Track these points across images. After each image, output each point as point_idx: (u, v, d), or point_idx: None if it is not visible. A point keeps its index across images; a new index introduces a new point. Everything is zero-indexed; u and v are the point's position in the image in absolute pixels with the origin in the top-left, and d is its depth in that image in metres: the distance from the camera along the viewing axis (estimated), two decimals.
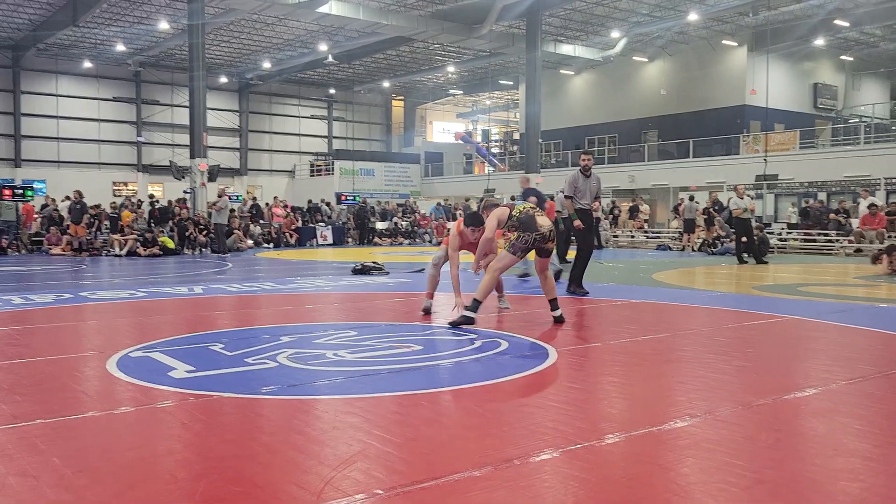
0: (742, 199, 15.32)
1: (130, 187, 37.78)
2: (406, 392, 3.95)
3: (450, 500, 2.45)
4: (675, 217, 23.99)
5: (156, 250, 18.34)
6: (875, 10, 27.63)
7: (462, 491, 2.52)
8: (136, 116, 38.89)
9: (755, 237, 15.48)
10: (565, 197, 9.27)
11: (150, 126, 39.23)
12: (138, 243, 18.52)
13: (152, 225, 20.46)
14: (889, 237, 17.88)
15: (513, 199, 21.24)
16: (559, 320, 6.36)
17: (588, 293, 8.74)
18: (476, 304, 6.18)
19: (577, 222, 9.05)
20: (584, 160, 9.32)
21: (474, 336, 5.72)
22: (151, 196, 23.26)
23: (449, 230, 7.69)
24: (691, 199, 22.60)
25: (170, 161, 30.58)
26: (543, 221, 6.20)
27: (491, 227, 6.38)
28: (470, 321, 6.13)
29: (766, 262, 14.99)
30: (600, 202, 9.27)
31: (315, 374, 4.39)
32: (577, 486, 2.58)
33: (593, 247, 9.46)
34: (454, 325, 6.17)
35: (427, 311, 7.12)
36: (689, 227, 21.41)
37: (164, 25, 29.09)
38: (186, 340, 5.59)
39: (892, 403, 3.79)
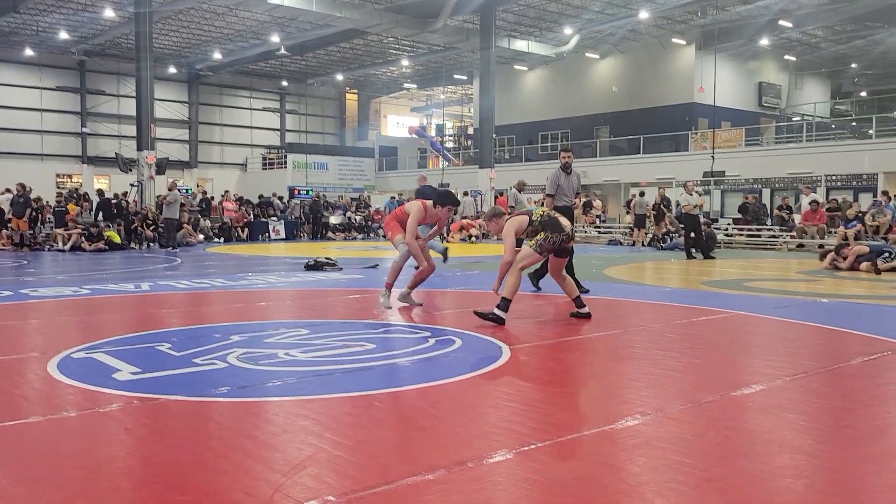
0: (691, 195, 15.61)
1: (75, 179, 36.76)
2: (359, 393, 3.90)
3: None
4: (628, 212, 24.29)
5: (101, 245, 17.86)
6: (817, 12, 28.46)
7: (415, 495, 2.50)
8: (80, 107, 37.84)
9: (703, 233, 15.79)
10: (547, 195, 9.27)
11: (95, 117, 38.20)
12: (83, 238, 18.01)
13: (99, 219, 19.89)
14: (829, 233, 18.42)
15: (511, 208, 21.26)
16: (588, 315, 6.51)
17: (588, 291, 8.47)
18: (506, 303, 6.16)
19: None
20: (564, 157, 9.29)
21: (428, 334, 5.70)
22: (100, 191, 22.55)
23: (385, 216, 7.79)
24: (642, 195, 22.95)
25: (116, 153, 29.87)
26: (566, 222, 6.46)
27: (510, 244, 6.36)
28: (501, 321, 6.09)
29: (713, 258, 15.31)
30: (580, 198, 9.19)
31: (266, 374, 4.31)
32: (530, 487, 2.58)
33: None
34: (480, 314, 6.17)
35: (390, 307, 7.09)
36: (640, 222, 21.74)
37: (109, 13, 28.30)
38: (132, 340, 5.45)
39: (833, 399, 3.89)
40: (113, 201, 21.04)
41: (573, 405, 3.82)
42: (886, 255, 12.06)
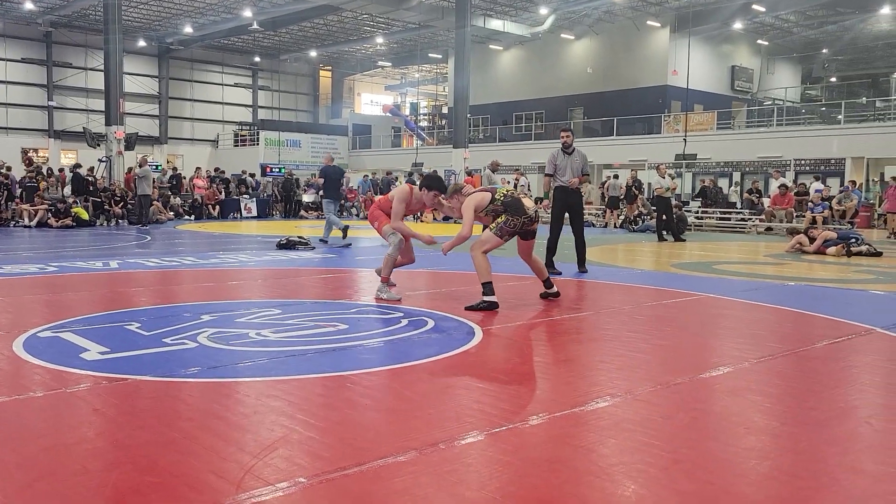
0: (664, 178, 15.73)
1: (41, 154, 36.00)
2: (331, 374, 3.90)
3: (374, 486, 2.43)
4: (603, 195, 24.38)
5: (68, 222, 17.56)
6: None
7: (387, 477, 2.50)
8: (46, 79, 37.00)
9: (674, 215, 15.94)
10: (545, 175, 9.17)
11: (62, 90, 37.39)
12: (49, 214, 17.68)
13: (65, 194, 19.51)
14: (797, 216, 18.69)
15: (516, 181, 21.19)
16: (556, 295, 6.58)
17: (560, 273, 8.53)
18: (489, 287, 6.07)
19: (546, 201, 9.00)
20: (563, 136, 9.19)
21: (401, 315, 5.70)
22: (77, 165, 22.03)
23: (373, 201, 7.47)
24: (616, 177, 23.08)
25: (84, 128, 29.29)
26: (529, 203, 6.30)
27: (469, 218, 6.21)
28: (494, 305, 6.00)
29: (684, 240, 15.47)
30: (581, 179, 9.01)
31: (237, 355, 4.28)
32: (501, 469, 2.60)
33: (582, 225, 9.19)
34: (472, 308, 5.97)
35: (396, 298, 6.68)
36: (614, 204, 21.86)
37: None
38: (100, 319, 5.38)
39: (799, 381, 3.96)
40: (88, 178, 20.64)
41: (544, 387, 3.85)
42: (853, 240, 12.27)
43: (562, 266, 8.85)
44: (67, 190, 19.78)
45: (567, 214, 9.06)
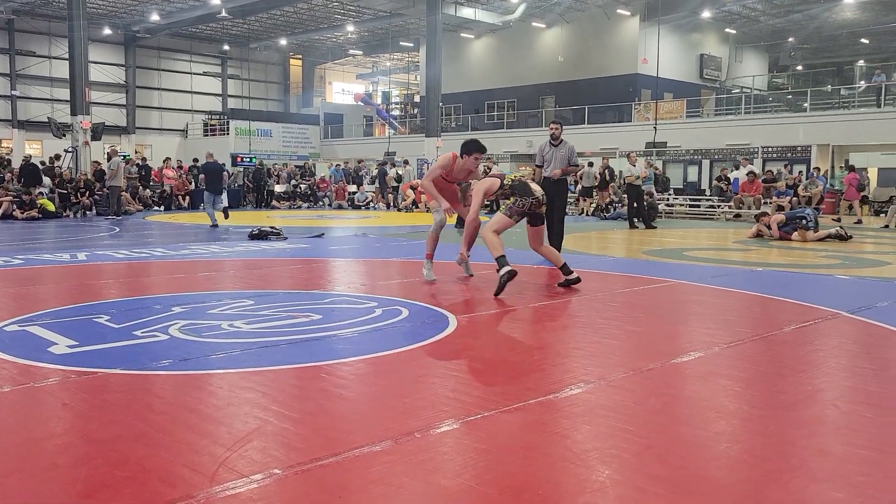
0: (634, 166, 15.84)
1: (5, 145, 35.24)
2: (305, 364, 3.88)
3: (349, 476, 2.43)
4: (576, 183, 24.43)
5: (34, 213, 17.23)
6: None
7: (362, 467, 2.50)
8: (9, 68, 36.16)
9: (645, 203, 16.07)
10: (535, 166, 9.46)
11: (25, 79, 36.59)
12: (14, 206, 17.33)
13: (19, 185, 19.01)
14: (765, 203, 18.96)
15: (488, 170, 21.12)
16: (577, 280, 6.65)
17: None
18: (503, 259, 6.24)
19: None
20: (552, 128, 9.29)
21: (374, 304, 5.69)
22: (27, 157, 21.56)
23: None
24: (590, 165, 23.15)
25: (49, 117, 28.75)
26: (536, 187, 6.59)
27: (478, 202, 6.57)
28: (513, 273, 6.14)
29: (654, 227, 15.61)
30: (565, 170, 9.11)
31: (209, 346, 4.24)
32: (477, 457, 2.61)
33: (562, 215, 9.39)
34: (499, 290, 6.11)
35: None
36: (587, 192, 21.96)
37: None
38: (68, 312, 5.29)
39: (767, 365, 4.03)
40: (52, 167, 20.19)
41: (518, 374, 3.87)
42: (804, 220, 12.41)
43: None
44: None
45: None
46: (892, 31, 35.75)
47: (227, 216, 15.13)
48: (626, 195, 17.20)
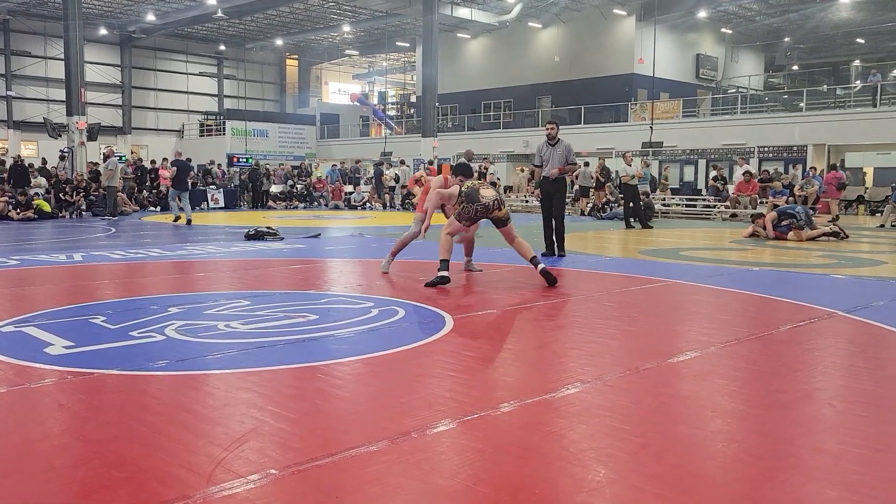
0: (630, 166, 15.85)
1: (1, 145, 35.15)
2: (301, 364, 3.88)
3: (346, 476, 2.43)
4: (572, 183, 24.43)
5: (30, 214, 17.20)
6: None
7: (359, 467, 2.50)
8: (4, 69, 36.07)
9: (641, 203, 16.09)
10: (534, 166, 9.75)
11: (21, 80, 36.50)
12: (10, 206, 17.30)
13: (8, 186, 18.93)
14: (761, 203, 18.98)
15: (485, 169, 21.26)
16: (546, 274, 6.76)
17: (564, 255, 9.31)
18: (445, 263, 6.69)
19: (537, 191, 9.46)
20: (547, 128, 9.51)
21: (371, 304, 5.69)
22: (17, 158, 21.44)
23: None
24: (586, 165, 23.15)
25: (44, 118, 28.70)
26: (487, 193, 6.75)
27: (431, 205, 7.11)
28: (446, 280, 6.60)
29: (651, 227, 15.63)
30: (563, 169, 9.28)
31: (205, 347, 4.24)
32: (474, 456, 2.61)
33: (561, 213, 9.58)
34: (430, 285, 6.57)
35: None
36: (585, 192, 21.96)
37: None
38: (65, 313, 5.28)
39: (763, 364, 4.04)
40: (30, 167, 20.07)
41: (515, 374, 3.87)
42: (794, 219, 12.39)
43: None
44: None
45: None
46: (888, 31, 35.84)
47: (189, 223, 15.50)
48: (622, 195, 17.20)
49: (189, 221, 15.58)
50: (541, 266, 6.77)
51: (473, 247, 7.92)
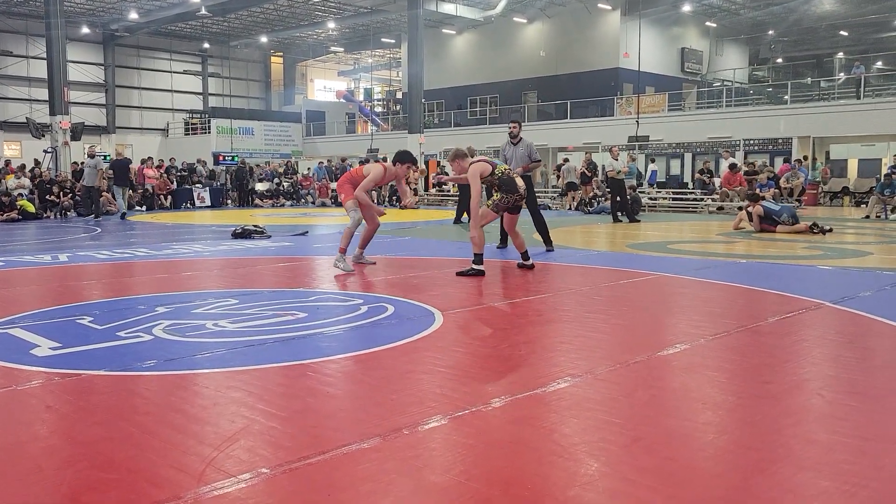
0: (616, 160, 15.88)
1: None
2: (291, 362, 3.86)
3: (338, 474, 2.42)
4: (558, 177, 24.47)
5: (14, 215, 17.04)
6: None
7: (351, 464, 2.49)
8: None
9: (628, 196, 16.12)
10: None
11: (3, 79, 36.17)
12: None
13: (9, 187, 18.82)
14: (747, 195, 19.06)
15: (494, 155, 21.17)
16: (531, 267, 7.38)
17: (553, 250, 9.45)
18: (479, 258, 6.92)
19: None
20: (511, 127, 9.70)
21: (360, 301, 5.67)
22: (7, 161, 21.26)
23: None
24: (566, 161, 23.22)
25: (27, 118, 28.44)
26: (520, 182, 7.14)
27: (477, 185, 6.98)
28: (481, 272, 6.88)
29: (638, 221, 15.67)
30: (527, 167, 9.43)
31: (194, 346, 4.21)
32: (465, 452, 2.61)
33: (537, 207, 9.74)
34: (462, 273, 6.84)
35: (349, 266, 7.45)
36: (572, 187, 21.99)
37: None
38: (51, 314, 5.24)
39: (752, 356, 4.06)
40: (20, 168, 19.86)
41: (505, 369, 3.87)
42: (782, 216, 12.42)
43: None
44: (11, 182, 19.07)
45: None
46: (871, 24, 36.09)
47: (123, 217, 17.07)
48: (609, 189, 17.22)
49: (123, 215, 17.18)
50: (530, 262, 7.32)
51: (371, 239, 8.15)
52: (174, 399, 3.26)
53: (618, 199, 15.81)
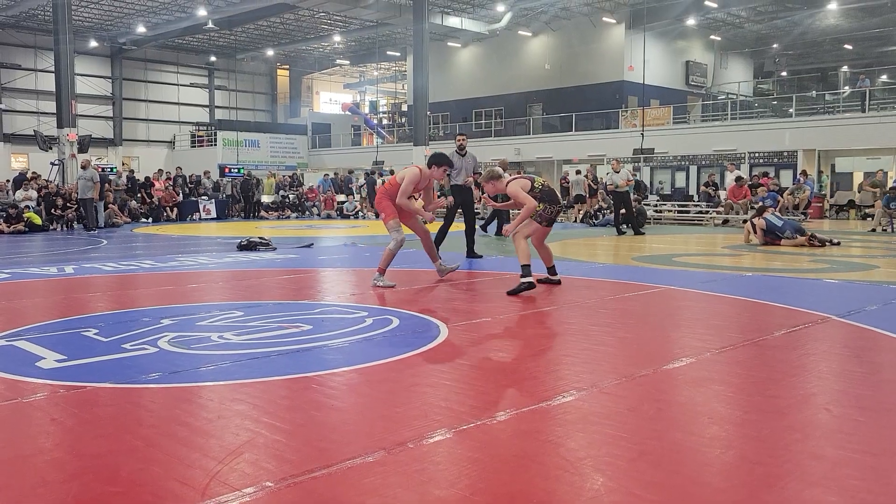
0: (618, 172, 15.87)
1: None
2: (296, 375, 3.86)
3: (342, 488, 2.41)
4: (567, 190, 24.41)
5: (20, 227, 17.11)
6: None
7: (355, 478, 2.48)
8: None
9: (633, 209, 16.11)
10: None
11: (11, 92, 36.39)
12: (0, 219, 17.20)
13: (16, 199, 18.88)
14: (752, 208, 19.05)
15: (521, 171, 21.31)
16: (557, 282, 7.29)
17: (482, 257, 9.95)
18: (527, 269, 6.76)
19: (450, 198, 9.82)
20: (458, 140, 10.30)
21: (365, 314, 5.67)
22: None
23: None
24: (577, 173, 23.18)
25: (35, 130, 28.62)
26: (560, 194, 6.91)
27: (524, 196, 6.91)
28: (532, 285, 6.70)
29: (643, 234, 15.65)
30: (474, 178, 9.99)
31: (199, 358, 4.21)
32: (471, 466, 2.60)
33: (474, 219, 10.46)
34: (513, 293, 6.60)
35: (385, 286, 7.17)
36: (580, 200, 21.97)
37: None
38: (56, 326, 5.25)
39: (758, 370, 4.04)
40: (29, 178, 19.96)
41: (511, 382, 3.86)
42: (785, 232, 12.39)
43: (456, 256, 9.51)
44: (19, 194, 19.15)
45: (460, 209, 10.12)
46: (875, 37, 36.14)
47: (89, 229, 17.19)
48: (612, 202, 17.19)
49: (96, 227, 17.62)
50: (557, 277, 7.28)
51: (434, 247, 7.99)
52: (179, 412, 3.26)
53: (622, 211, 15.80)
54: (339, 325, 5.39)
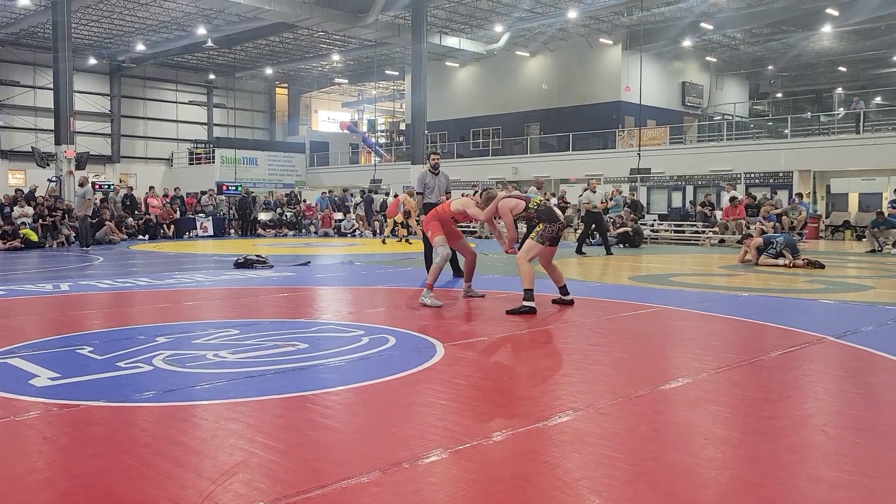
0: (594, 193, 15.86)
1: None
2: (291, 394, 3.84)
3: None
4: (564, 209, 24.36)
5: (16, 243, 17.08)
6: (736, 15, 29.56)
7: (350, 499, 2.47)
8: None
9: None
10: (417, 193, 10.13)
11: (9, 109, 36.48)
12: None
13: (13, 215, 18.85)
14: (748, 227, 19.09)
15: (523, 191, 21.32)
16: (570, 303, 7.23)
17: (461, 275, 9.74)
18: (530, 293, 6.71)
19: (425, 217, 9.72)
20: (432, 159, 10.22)
21: (361, 333, 5.66)
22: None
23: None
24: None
25: (32, 147, 28.69)
26: (558, 212, 7.09)
27: (509, 221, 7.10)
28: (533, 310, 6.64)
29: (611, 254, 15.21)
30: (448, 196, 9.96)
31: (194, 377, 4.19)
32: (466, 487, 2.58)
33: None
34: (512, 312, 6.59)
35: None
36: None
37: (24, 1, 27.05)
38: (50, 344, 5.22)
39: (755, 390, 4.03)
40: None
41: (507, 402, 3.85)
42: (772, 246, 12.45)
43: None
44: (16, 211, 19.13)
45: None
46: (869, 59, 36.45)
47: (85, 246, 17.08)
48: (583, 222, 16.89)
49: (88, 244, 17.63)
50: (569, 297, 7.24)
51: (473, 270, 7.96)
52: (173, 431, 3.24)
53: (591, 230, 15.66)
54: (336, 343, 5.37)
